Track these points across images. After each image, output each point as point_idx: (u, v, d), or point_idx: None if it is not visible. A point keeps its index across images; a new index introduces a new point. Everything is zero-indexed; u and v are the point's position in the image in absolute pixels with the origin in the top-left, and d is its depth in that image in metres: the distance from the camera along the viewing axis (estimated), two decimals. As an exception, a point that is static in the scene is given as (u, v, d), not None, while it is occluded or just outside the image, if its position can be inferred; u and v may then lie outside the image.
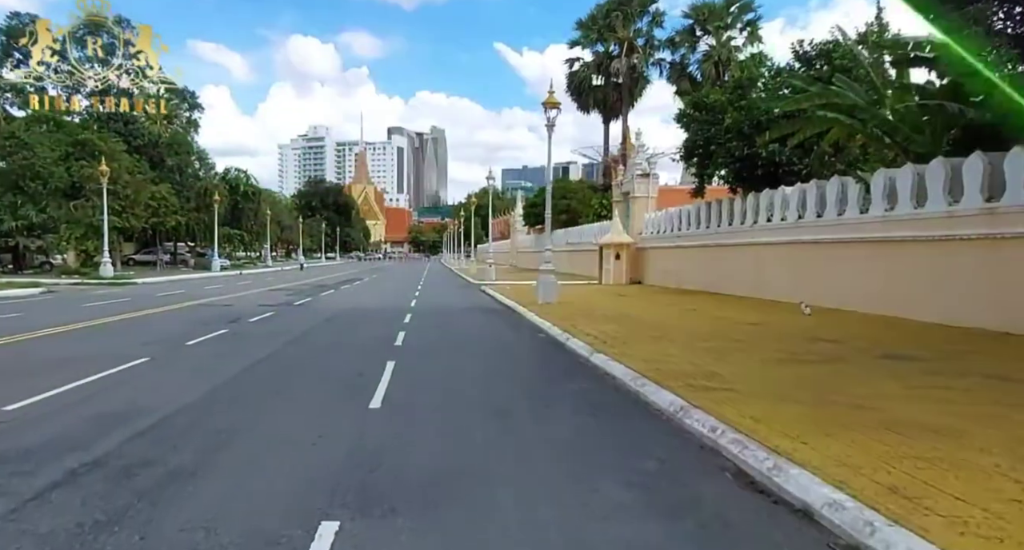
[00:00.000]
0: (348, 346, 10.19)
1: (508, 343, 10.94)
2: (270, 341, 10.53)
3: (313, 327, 12.76)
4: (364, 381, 7.26)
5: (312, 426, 5.39)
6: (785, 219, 17.12)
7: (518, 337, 11.66)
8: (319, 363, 8.60)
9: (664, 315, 13.96)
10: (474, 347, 10.36)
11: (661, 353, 8.64)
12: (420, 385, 7.23)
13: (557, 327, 11.94)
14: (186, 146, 55.77)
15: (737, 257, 19.97)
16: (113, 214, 35.97)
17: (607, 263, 29.03)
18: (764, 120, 17.85)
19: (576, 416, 5.92)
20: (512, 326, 13.43)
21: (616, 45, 41.92)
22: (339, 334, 11.76)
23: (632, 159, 30.62)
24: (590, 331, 11.20)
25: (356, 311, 16.59)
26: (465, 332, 12.37)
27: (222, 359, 8.66)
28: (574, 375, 7.92)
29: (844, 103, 13.96)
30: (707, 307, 15.75)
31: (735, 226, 20.14)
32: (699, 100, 20.41)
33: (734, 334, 10.59)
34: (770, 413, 5.32)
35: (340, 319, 14.52)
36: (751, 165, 18.34)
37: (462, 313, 16.34)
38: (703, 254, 22.51)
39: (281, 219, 76.77)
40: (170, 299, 19.98)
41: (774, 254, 17.67)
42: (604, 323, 12.38)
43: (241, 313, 15.40)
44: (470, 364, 8.68)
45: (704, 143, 19.74)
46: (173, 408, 5.94)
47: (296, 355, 9.23)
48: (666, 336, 10.40)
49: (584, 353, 9.21)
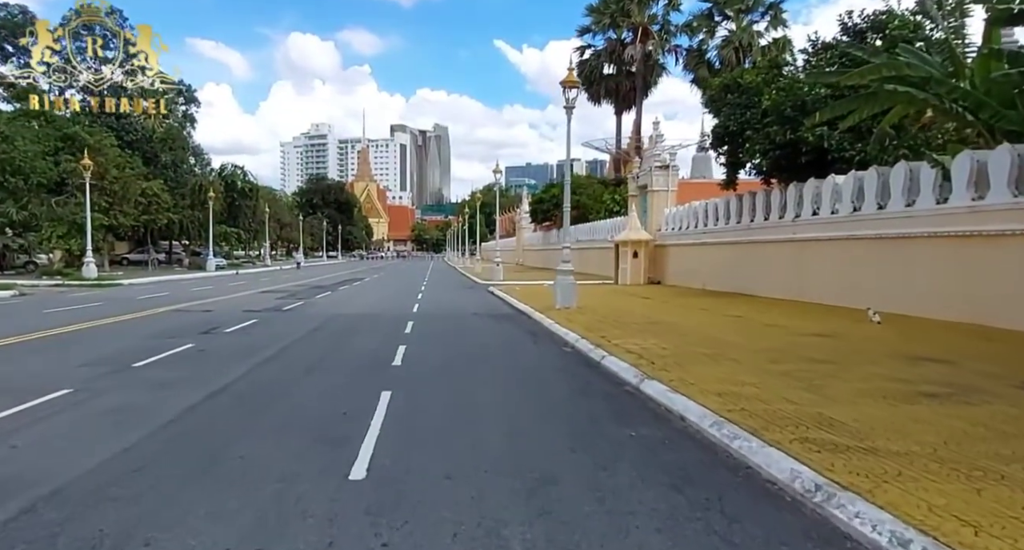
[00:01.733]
0: (334, 368, 8.28)
1: (530, 361, 9.02)
2: (239, 361, 8.63)
3: (298, 339, 10.86)
4: (347, 429, 5.34)
5: (251, 530, 3.46)
6: (836, 212, 15.14)
7: (540, 353, 9.74)
8: (292, 396, 6.67)
9: (705, 323, 12.02)
10: (489, 367, 8.44)
11: (732, 380, 6.71)
12: (424, 433, 5.31)
13: (586, 339, 10.02)
14: (181, 142, 53.95)
15: (774, 255, 18.00)
16: (100, 211, 34.19)
17: (624, 262, 27.07)
18: (809, 100, 15.87)
19: (652, 490, 4.01)
20: (530, 336, 11.51)
21: (629, 31, 39.80)
22: (327, 349, 9.85)
23: (650, 150, 28.64)
24: (627, 345, 9.28)
25: (351, 318, 14.69)
26: (476, 345, 10.46)
27: (165, 391, 6.73)
28: (625, 412, 6.01)
29: (916, 75, 11.96)
30: (750, 313, 13.80)
31: (772, 221, 18.17)
32: (732, 81, 18.42)
33: (806, 350, 8.65)
34: (976, 507, 3.38)
35: (331, 328, 12.62)
36: (794, 152, 16.34)
37: (471, 320, 14.42)
38: (733, 252, 20.54)
39: (281, 217, 74.91)
40: (148, 303, 18.11)
41: (821, 252, 15.70)
42: (640, 334, 10.45)
43: (220, 321, 13.51)
44: (487, 394, 6.76)
45: (738, 128, 17.75)
46: (47, 488, 4.01)
47: (265, 383, 7.31)
48: (724, 353, 8.47)
49: (630, 378, 7.29)
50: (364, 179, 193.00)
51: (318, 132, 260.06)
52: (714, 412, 5.45)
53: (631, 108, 42.81)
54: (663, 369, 7.46)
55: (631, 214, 28.21)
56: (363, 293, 23.97)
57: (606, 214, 39.71)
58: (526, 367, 8.49)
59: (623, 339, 9.95)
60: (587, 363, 8.70)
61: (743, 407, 5.58)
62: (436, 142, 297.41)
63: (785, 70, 18.49)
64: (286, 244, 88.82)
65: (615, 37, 40.48)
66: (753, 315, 13.35)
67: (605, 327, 11.60)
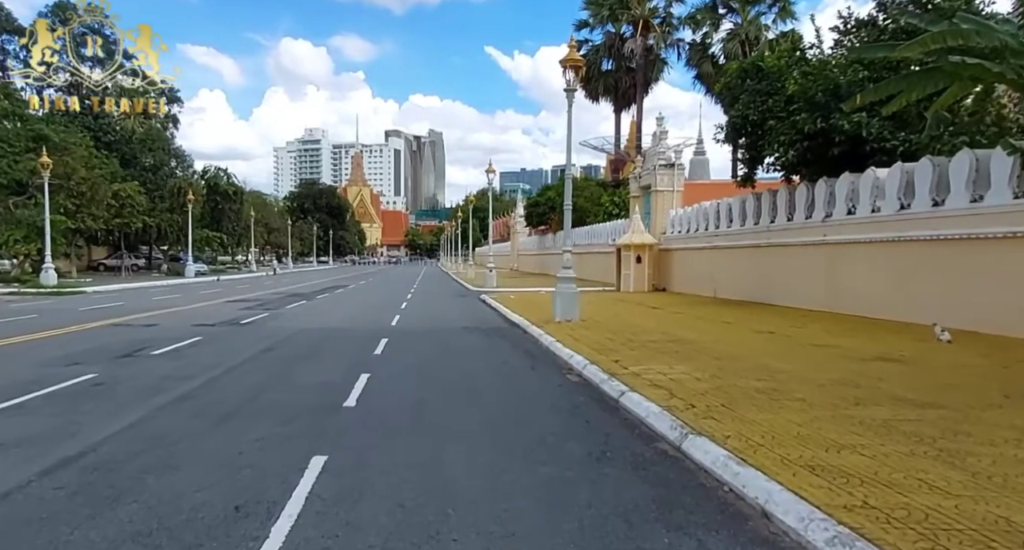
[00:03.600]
0: (262, 413, 6.17)
1: (527, 398, 6.93)
2: (139, 401, 6.52)
3: (237, 366, 8.74)
4: (244, 528, 3.26)
5: None
6: (878, 210, 13.16)
7: (540, 384, 7.67)
8: (176, 471, 4.48)
9: (735, 341, 9.97)
10: (473, 410, 6.36)
11: (817, 438, 4.67)
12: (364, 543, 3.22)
13: (596, 364, 7.97)
14: (162, 143, 51.74)
15: (799, 260, 16.02)
16: (66, 214, 31.97)
17: (626, 267, 25.05)
18: (844, 84, 13.91)
19: None
20: (527, 359, 9.44)
21: (629, 25, 37.83)
22: (265, 382, 7.73)
23: (654, 147, 26.68)
24: (650, 374, 7.23)
25: (317, 334, 12.59)
26: (460, 373, 8.37)
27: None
28: (672, 500, 3.93)
29: (986, 45, 9.98)
30: (783, 327, 11.77)
31: (797, 221, 16.18)
32: (751, 65, 16.44)
33: (887, 384, 6.61)
34: None
35: (287, 348, 10.51)
36: (824, 143, 14.36)
37: (457, 336, 12.34)
38: (751, 257, 18.54)
39: (268, 221, 72.63)
40: (92, 315, 15.96)
41: (858, 256, 13.71)
42: (661, 356, 8.40)
43: (156, 339, 11.38)
44: (465, 463, 4.67)
45: (759, 118, 15.77)
46: None
47: (149, 444, 5.13)
48: (782, 389, 6.42)
49: (665, 429, 5.24)
50: (357, 184, 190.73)
51: (312, 137, 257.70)
52: (823, 511, 3.39)
53: (630, 106, 40.82)
54: (709, 416, 5.41)
55: (634, 216, 26.22)
56: (342, 302, 21.85)
57: (604, 217, 37.76)
58: (522, 409, 6.41)
59: (642, 364, 7.90)
60: (602, 401, 6.64)
61: (865, 499, 3.52)
62: (431, 148, 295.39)
63: (809, 53, 16.54)
64: (275, 249, 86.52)
65: (614, 31, 38.47)
66: (788, 330, 11.32)
67: (617, 347, 9.55)
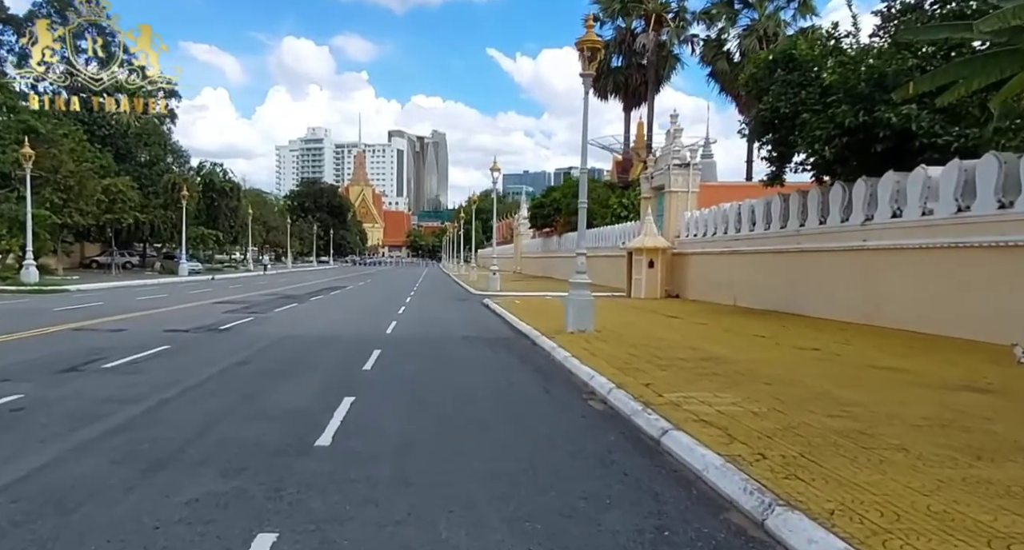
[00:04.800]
0: (212, 455, 4.81)
1: (543, 436, 5.56)
2: (62, 434, 5.19)
3: (197, 384, 7.40)
4: None
5: None
6: (930, 213, 11.81)
7: (557, 415, 6.31)
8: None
9: (781, 361, 8.61)
10: (476, 455, 5.00)
11: (959, 518, 3.31)
12: None
13: (622, 389, 6.62)
14: (157, 137, 50.51)
15: (833, 267, 14.67)
16: (52, 208, 30.72)
17: (638, 272, 23.70)
18: (890, 73, 12.58)
19: None
20: (539, 378, 8.09)
21: (640, 20, 36.51)
22: (226, 407, 6.38)
23: (667, 146, 25.34)
24: (691, 404, 5.90)
25: (302, 343, 11.25)
26: (460, 397, 7.02)
27: None
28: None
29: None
30: (826, 343, 10.41)
31: (831, 225, 14.82)
32: (783, 54, 15.09)
33: (1001, 426, 5.27)
34: None
35: (264, 361, 9.17)
36: (866, 138, 13.01)
37: (458, 347, 11.00)
38: (776, 262, 17.19)
39: (267, 219, 71.35)
40: (63, 316, 14.65)
41: (906, 264, 12.35)
42: (701, 381, 7.04)
43: (116, 347, 10.03)
44: (465, 540, 3.33)
45: (791, 111, 14.42)
46: None
47: (42, 506, 3.79)
48: (870, 432, 5.06)
49: (737, 494, 3.88)
50: (359, 183, 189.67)
51: (314, 136, 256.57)
52: None
53: (640, 104, 39.51)
54: (791, 473, 4.06)
55: (646, 218, 24.86)
56: (336, 305, 20.52)
57: (612, 219, 36.41)
58: (539, 454, 5.03)
59: (679, 390, 6.55)
60: (638, 441, 5.28)
61: None
62: (434, 148, 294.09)
63: (845, 42, 15.22)
64: (273, 248, 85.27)
65: (624, 26, 37.20)
66: (833, 347, 9.96)
67: (642, 365, 8.20)
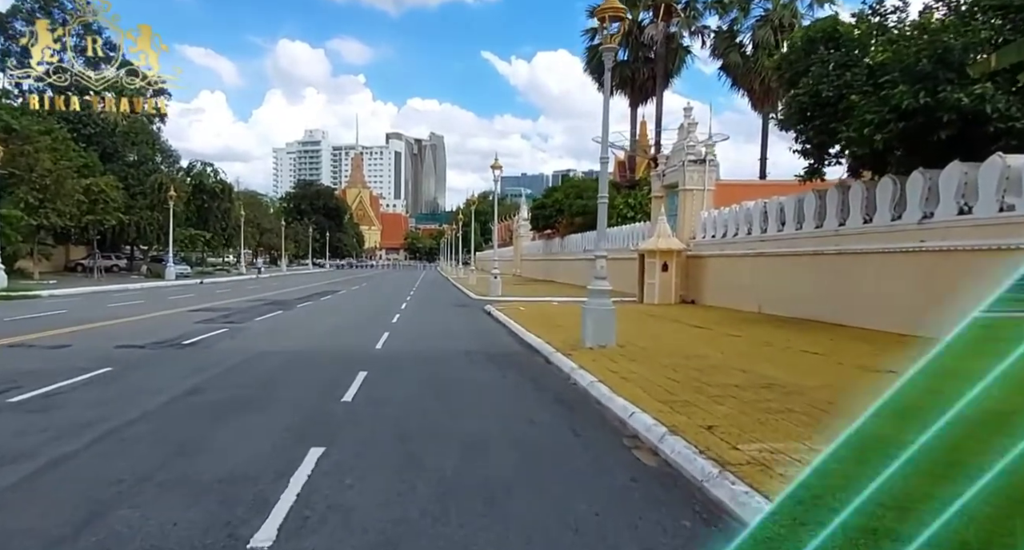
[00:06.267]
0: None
1: (577, 509, 3.82)
2: None
3: (121, 426, 5.68)
4: None
5: None
6: (1011, 209, 10.14)
7: (597, 477, 4.58)
8: None
9: (867, 391, 6.91)
10: (487, 542, 3.29)
11: None
12: None
13: (679, 435, 4.89)
14: (146, 137, 48.80)
15: (882, 272, 12.97)
16: (27, 209, 29.02)
17: (650, 276, 22.01)
18: (957, 48, 10.92)
19: None
20: (562, 413, 6.39)
21: (647, 12, 34.91)
22: (143, 470, 4.64)
23: (681, 140, 23.70)
24: (788, 465, 4.17)
25: (274, 361, 9.53)
26: (464, 448, 5.31)
27: None
28: None
29: None
30: (900, 364, 8.70)
31: (880, 223, 13.13)
32: (822, 33, 13.43)
33: None
34: None
35: (219, 390, 7.45)
36: (927, 123, 11.32)
37: (459, 368, 9.28)
38: (811, 266, 15.49)
39: (260, 221, 69.62)
40: (9, 328, 12.95)
41: (981, 268, 10.65)
42: (778, 422, 5.31)
43: (43, 371, 8.28)
44: None
45: (834, 94, 12.76)
46: None
47: None
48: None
49: None
50: (356, 186, 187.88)
51: (312, 138, 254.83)
52: None
53: (648, 100, 37.95)
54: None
55: (659, 218, 23.17)
56: (325, 312, 18.81)
57: (619, 220, 34.73)
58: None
59: (754, 436, 4.85)
60: (725, 528, 3.58)
61: None
62: (432, 151, 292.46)
63: (892, 19, 13.56)
64: (268, 251, 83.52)
65: (631, 17, 35.67)
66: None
67: (689, 395, 6.50)
